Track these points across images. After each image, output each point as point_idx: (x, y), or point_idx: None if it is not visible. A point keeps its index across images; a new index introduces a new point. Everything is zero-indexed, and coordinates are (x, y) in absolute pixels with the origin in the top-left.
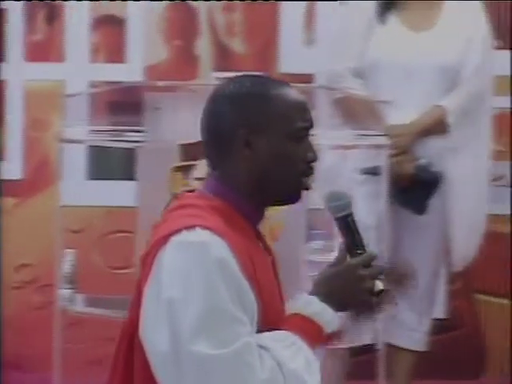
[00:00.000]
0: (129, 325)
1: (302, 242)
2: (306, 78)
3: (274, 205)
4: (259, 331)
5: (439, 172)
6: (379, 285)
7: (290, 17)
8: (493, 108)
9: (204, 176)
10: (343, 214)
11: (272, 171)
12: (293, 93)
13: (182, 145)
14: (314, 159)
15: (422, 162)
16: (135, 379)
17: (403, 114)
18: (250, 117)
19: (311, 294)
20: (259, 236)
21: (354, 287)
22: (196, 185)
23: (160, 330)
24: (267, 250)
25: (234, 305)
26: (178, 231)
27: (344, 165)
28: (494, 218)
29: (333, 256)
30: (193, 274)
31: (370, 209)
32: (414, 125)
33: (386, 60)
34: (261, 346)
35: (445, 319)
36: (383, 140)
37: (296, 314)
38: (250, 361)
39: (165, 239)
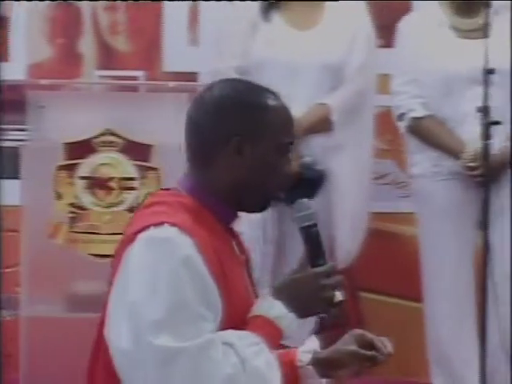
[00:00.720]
0: (100, 324)
1: None
2: (191, 77)
3: (244, 211)
4: (224, 329)
5: (323, 170)
6: (339, 295)
7: (174, 16)
8: (375, 106)
9: (89, 175)
10: (308, 224)
11: (256, 179)
12: (283, 105)
13: (67, 143)
14: (291, 174)
15: (307, 160)
16: (97, 376)
17: None
18: (245, 125)
19: (274, 297)
20: (234, 235)
21: (315, 296)
22: (81, 184)
23: (122, 327)
24: (242, 249)
25: (198, 301)
26: (145, 228)
27: None
28: (376, 215)
29: None
30: (158, 270)
31: None
32: (298, 123)
33: (271, 58)
34: (224, 343)
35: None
36: None
37: (259, 316)
38: (213, 355)
39: (133, 236)
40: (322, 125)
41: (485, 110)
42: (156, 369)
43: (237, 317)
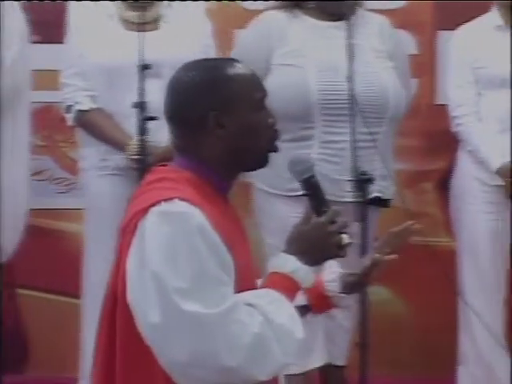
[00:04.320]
0: (111, 292)
1: None
2: None
3: (247, 171)
4: (236, 291)
5: None
6: (345, 238)
7: None
8: (33, 102)
9: None
10: (307, 176)
11: (245, 143)
12: (244, 68)
13: None
14: (275, 122)
15: None
16: (118, 339)
17: None
18: (217, 100)
19: (286, 252)
20: (229, 205)
21: (324, 243)
22: None
23: (150, 302)
24: (236, 218)
25: (217, 268)
26: (157, 203)
27: None
28: (36, 212)
29: None
30: (177, 242)
31: None
32: None
33: None
34: (247, 304)
35: None
36: None
37: (275, 273)
38: (241, 318)
39: (144, 211)
40: None
41: (140, 106)
42: (189, 336)
43: (245, 281)
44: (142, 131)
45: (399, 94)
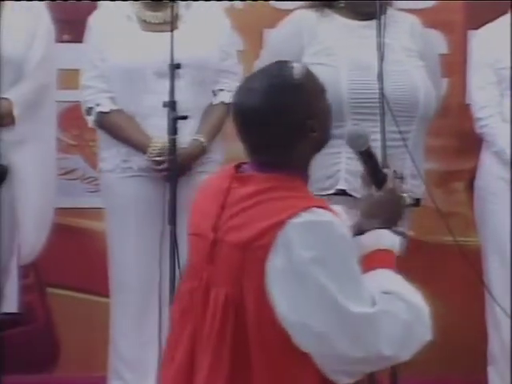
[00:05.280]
0: (232, 300)
1: None
2: None
3: None
4: None
5: (6, 165)
6: (408, 198)
7: None
8: (64, 101)
9: None
10: (366, 147)
11: (326, 142)
12: (305, 67)
13: None
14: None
15: None
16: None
17: None
18: (312, 108)
19: (372, 225)
20: None
21: (399, 206)
22: None
23: (315, 313)
24: None
25: (359, 268)
26: (294, 214)
27: None
28: (66, 211)
29: None
30: (332, 251)
31: None
32: None
33: None
34: (384, 292)
35: (17, 314)
36: None
37: (378, 250)
38: (390, 309)
39: (280, 222)
40: (5, 119)
41: (171, 105)
42: (361, 335)
43: None
44: (173, 131)
45: (430, 94)
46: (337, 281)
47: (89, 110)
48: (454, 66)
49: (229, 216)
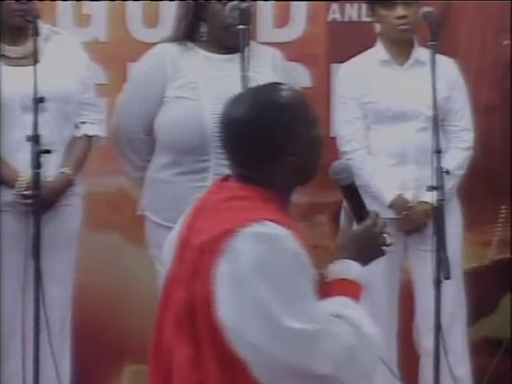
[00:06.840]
0: (186, 303)
1: None
2: None
3: (303, 185)
4: None
5: None
6: (387, 238)
7: None
8: None
9: None
10: (349, 182)
11: (309, 162)
12: (291, 90)
13: None
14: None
15: None
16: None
17: None
18: (293, 132)
19: (344, 257)
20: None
21: (376, 244)
22: None
23: (251, 323)
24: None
25: (309, 285)
26: (244, 224)
27: None
28: None
29: None
30: (276, 265)
31: None
32: None
33: None
34: (333, 315)
35: None
36: None
37: (342, 280)
38: (336, 330)
39: (232, 230)
40: None
41: (35, 139)
42: (293, 351)
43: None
44: (36, 165)
45: None
46: (276, 294)
47: None
48: (318, 99)
49: (198, 219)
